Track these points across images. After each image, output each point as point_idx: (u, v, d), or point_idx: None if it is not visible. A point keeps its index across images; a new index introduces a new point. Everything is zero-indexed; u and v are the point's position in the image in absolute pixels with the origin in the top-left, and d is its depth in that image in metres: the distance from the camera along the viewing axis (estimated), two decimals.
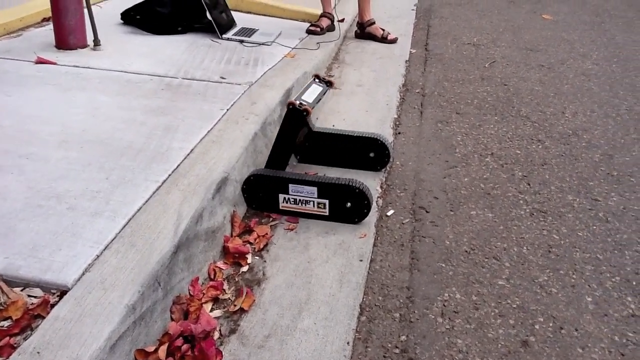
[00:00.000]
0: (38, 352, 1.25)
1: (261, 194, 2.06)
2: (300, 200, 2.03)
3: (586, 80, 3.72)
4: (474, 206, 2.26)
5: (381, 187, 2.32)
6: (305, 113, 2.05)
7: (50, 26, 3.44)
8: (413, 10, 5.13)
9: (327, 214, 2.04)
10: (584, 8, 5.62)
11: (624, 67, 4.00)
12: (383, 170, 2.41)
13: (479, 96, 3.36)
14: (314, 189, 2.00)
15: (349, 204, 2.03)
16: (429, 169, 2.51)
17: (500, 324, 1.66)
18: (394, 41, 4.13)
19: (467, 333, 1.62)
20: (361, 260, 1.87)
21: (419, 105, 3.19)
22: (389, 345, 1.57)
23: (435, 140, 2.78)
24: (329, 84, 2.29)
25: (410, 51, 4.04)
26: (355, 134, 2.33)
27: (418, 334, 1.61)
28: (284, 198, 2.04)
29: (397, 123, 2.94)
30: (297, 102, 2.06)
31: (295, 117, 2.08)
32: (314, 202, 2.02)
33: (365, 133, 2.35)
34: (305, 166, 2.41)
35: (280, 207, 2.06)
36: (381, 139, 2.33)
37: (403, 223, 2.13)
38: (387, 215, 2.17)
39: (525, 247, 2.02)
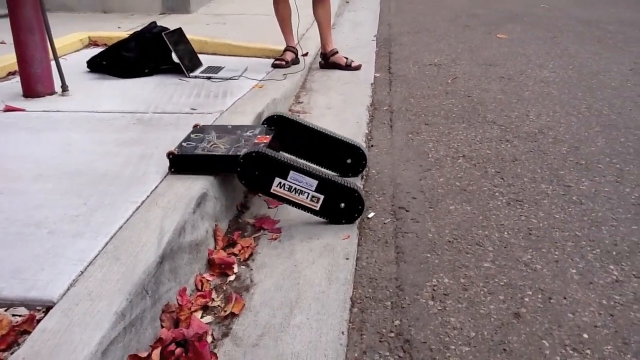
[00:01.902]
0: None
1: (257, 172, 2.03)
2: (295, 188, 2.02)
3: (545, 86, 3.85)
4: (451, 202, 2.29)
5: None
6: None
7: (16, 79, 3.46)
8: (373, 40, 5.29)
9: (317, 209, 2.05)
10: (536, 26, 5.86)
11: (579, 73, 4.16)
12: (359, 177, 2.45)
13: (445, 108, 3.45)
14: (315, 182, 2.00)
15: (342, 205, 2.05)
16: (405, 174, 2.56)
17: (491, 300, 1.68)
18: (358, 68, 4.24)
19: (459, 312, 1.63)
20: (347, 259, 1.88)
21: (389, 121, 3.26)
22: (384, 330, 1.57)
23: (408, 149, 2.84)
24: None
25: (375, 75, 4.15)
26: (338, 137, 2.37)
27: (411, 317, 1.61)
28: (280, 182, 2.02)
29: (369, 137, 3.00)
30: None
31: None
32: (309, 194, 2.02)
33: (349, 139, 2.38)
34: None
35: (271, 190, 2.04)
36: (362, 149, 2.37)
37: (385, 223, 2.15)
38: (368, 218, 2.19)
39: (505, 232, 2.05)
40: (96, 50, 4.06)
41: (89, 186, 2.03)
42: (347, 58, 4.27)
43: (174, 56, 3.70)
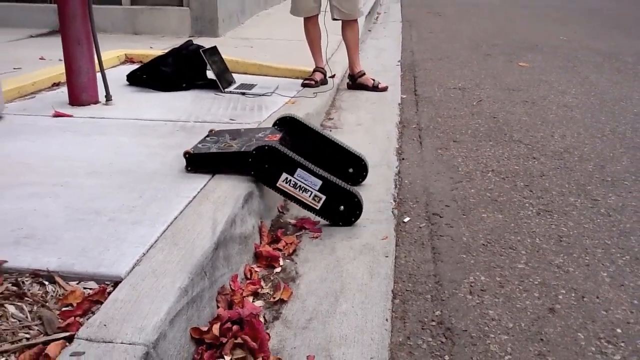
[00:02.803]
0: (105, 325, 1.32)
1: (267, 165, 2.13)
2: (300, 186, 2.13)
3: (569, 110, 3.96)
4: (483, 210, 2.39)
5: (394, 200, 2.45)
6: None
7: (60, 89, 3.63)
8: (397, 65, 5.44)
9: (318, 208, 2.15)
10: (556, 56, 5.99)
11: (601, 99, 4.27)
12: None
13: (472, 127, 3.56)
14: (319, 182, 2.11)
15: (342, 207, 2.15)
16: (437, 185, 2.66)
17: (526, 297, 1.76)
18: (384, 89, 4.37)
19: (497, 305, 1.71)
20: (387, 257, 1.97)
21: (418, 137, 3.37)
22: (425, 319, 1.65)
23: (438, 163, 2.95)
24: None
25: (401, 96, 4.28)
26: (344, 146, 2.47)
27: (451, 308, 1.70)
28: (286, 178, 2.12)
29: (400, 151, 3.11)
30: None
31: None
32: (312, 192, 2.12)
33: (354, 150, 2.49)
34: None
35: (277, 184, 2.14)
36: (365, 161, 2.48)
37: (420, 227, 2.24)
38: (404, 222, 2.29)
39: (537, 238, 2.14)
40: (132, 67, 4.23)
41: (141, 182, 2.14)
42: (374, 79, 4.41)
43: (209, 73, 3.86)
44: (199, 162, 2.23)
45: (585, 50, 6.33)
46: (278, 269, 1.92)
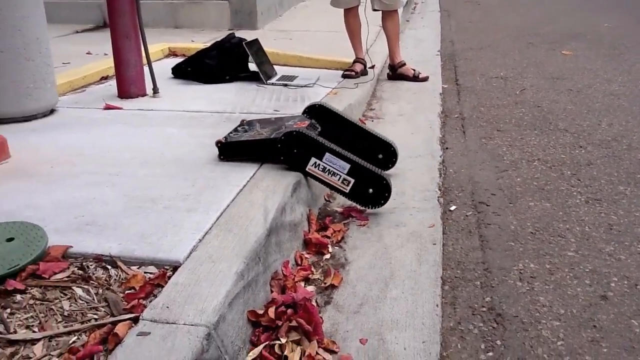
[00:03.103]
0: (167, 307, 1.38)
1: (296, 150, 2.17)
2: (329, 170, 2.16)
3: (615, 99, 3.88)
4: (530, 199, 2.38)
5: (439, 189, 2.46)
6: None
7: (109, 82, 3.74)
8: (437, 55, 5.40)
9: (347, 191, 2.18)
10: (600, 44, 5.86)
11: None
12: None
13: (516, 116, 3.53)
14: (347, 166, 2.14)
15: (371, 190, 2.17)
16: (482, 174, 2.65)
17: (577, 284, 1.75)
18: (425, 79, 4.36)
19: (547, 292, 1.71)
20: (434, 244, 1.99)
21: (460, 127, 3.36)
22: (476, 305, 1.67)
23: (482, 152, 2.94)
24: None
25: (443, 86, 4.26)
26: (373, 132, 2.49)
27: (501, 295, 1.71)
28: (315, 162, 2.16)
29: (443, 141, 3.11)
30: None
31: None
32: (341, 176, 2.15)
33: (383, 136, 2.50)
34: None
35: (307, 169, 2.18)
36: (394, 147, 2.48)
37: (467, 215, 2.25)
38: (450, 210, 2.30)
39: (586, 227, 2.12)
40: (176, 60, 4.32)
41: (192, 171, 2.21)
42: (414, 70, 4.40)
43: (251, 65, 3.91)
44: (231, 151, 2.30)
45: (631, 37, 6.17)
46: (327, 256, 1.96)
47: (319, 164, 2.18)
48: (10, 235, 1.63)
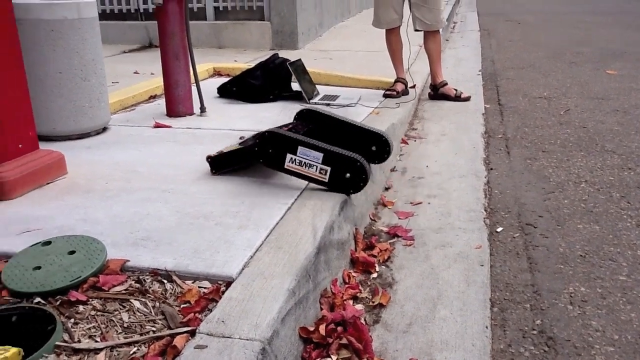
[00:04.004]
0: (223, 321, 1.42)
1: (271, 150, 2.20)
2: (305, 162, 2.17)
3: None
4: (579, 221, 2.35)
5: (485, 210, 2.45)
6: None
7: (157, 101, 3.85)
8: (478, 75, 5.39)
9: (326, 181, 2.18)
10: None
11: None
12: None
13: (561, 137, 3.50)
14: (320, 155, 2.14)
15: (348, 175, 2.16)
16: (528, 195, 2.63)
17: (631, 309, 1.73)
18: (467, 99, 4.36)
19: (600, 317, 1.69)
20: (482, 265, 1.98)
21: (505, 147, 3.35)
22: (526, 328, 1.66)
23: (528, 173, 2.92)
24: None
25: (485, 106, 4.25)
26: (363, 126, 2.49)
27: (552, 318, 1.69)
28: (291, 158, 2.18)
29: (487, 162, 3.10)
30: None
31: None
32: (317, 167, 2.16)
33: (374, 128, 2.50)
34: None
35: (285, 166, 2.20)
36: (386, 137, 2.47)
37: (514, 237, 2.24)
38: (497, 232, 2.29)
39: (638, 250, 2.09)
40: (220, 80, 4.42)
41: (242, 190, 2.25)
42: (456, 89, 4.40)
43: (294, 84, 3.98)
44: (221, 164, 2.40)
45: None
46: (374, 275, 1.97)
47: (294, 159, 2.20)
48: (72, 249, 1.70)
